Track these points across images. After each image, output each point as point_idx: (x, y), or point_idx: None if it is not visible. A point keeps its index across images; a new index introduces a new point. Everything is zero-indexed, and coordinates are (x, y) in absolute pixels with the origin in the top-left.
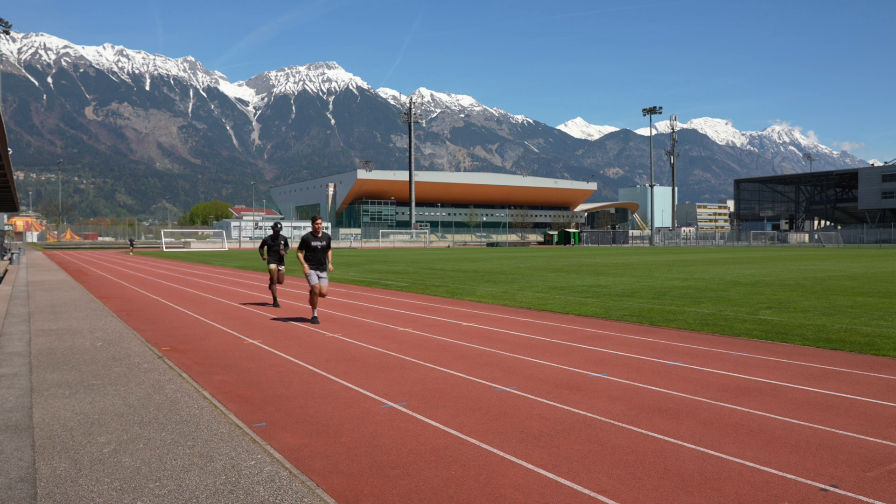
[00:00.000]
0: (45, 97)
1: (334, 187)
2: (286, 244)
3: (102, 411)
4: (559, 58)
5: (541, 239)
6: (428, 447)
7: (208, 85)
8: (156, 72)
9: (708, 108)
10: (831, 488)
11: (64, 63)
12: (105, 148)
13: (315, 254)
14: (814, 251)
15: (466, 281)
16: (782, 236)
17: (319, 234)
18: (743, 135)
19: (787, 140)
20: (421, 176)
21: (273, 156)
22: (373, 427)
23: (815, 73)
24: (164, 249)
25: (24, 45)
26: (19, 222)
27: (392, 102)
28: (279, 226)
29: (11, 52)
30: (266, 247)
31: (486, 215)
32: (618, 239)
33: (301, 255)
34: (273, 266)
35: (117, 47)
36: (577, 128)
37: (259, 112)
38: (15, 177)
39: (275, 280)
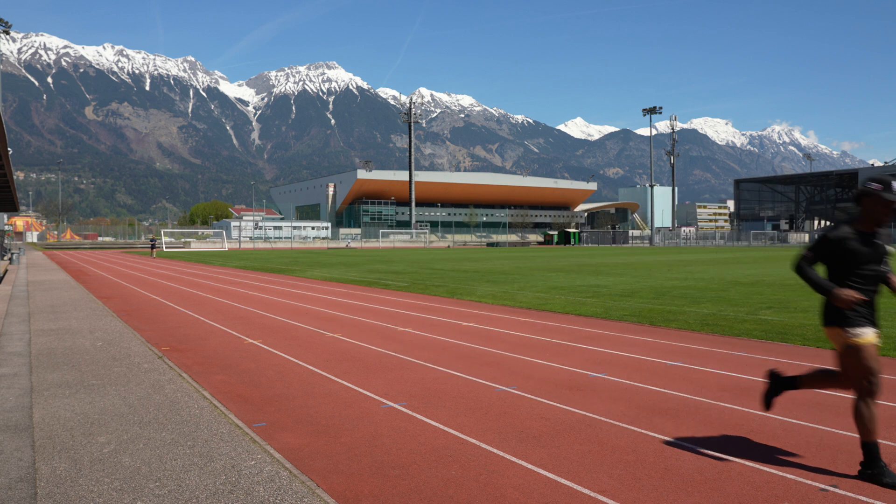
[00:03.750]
0: (45, 97)
1: (334, 187)
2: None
3: (102, 411)
4: (559, 58)
5: (541, 239)
6: (428, 447)
7: (208, 85)
8: (156, 72)
9: (708, 108)
10: (831, 488)
11: (64, 63)
12: (105, 148)
13: None
14: None
15: (466, 281)
16: (782, 236)
17: None
18: (743, 135)
19: (787, 140)
20: (421, 176)
21: (273, 156)
22: (373, 427)
23: (815, 73)
24: (164, 249)
25: (24, 45)
26: (19, 222)
27: (392, 102)
28: (889, 186)
29: (11, 52)
30: (849, 259)
31: (486, 215)
32: (618, 239)
33: None
34: (869, 337)
35: (117, 47)
36: (577, 128)
37: (259, 112)
38: (15, 177)
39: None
